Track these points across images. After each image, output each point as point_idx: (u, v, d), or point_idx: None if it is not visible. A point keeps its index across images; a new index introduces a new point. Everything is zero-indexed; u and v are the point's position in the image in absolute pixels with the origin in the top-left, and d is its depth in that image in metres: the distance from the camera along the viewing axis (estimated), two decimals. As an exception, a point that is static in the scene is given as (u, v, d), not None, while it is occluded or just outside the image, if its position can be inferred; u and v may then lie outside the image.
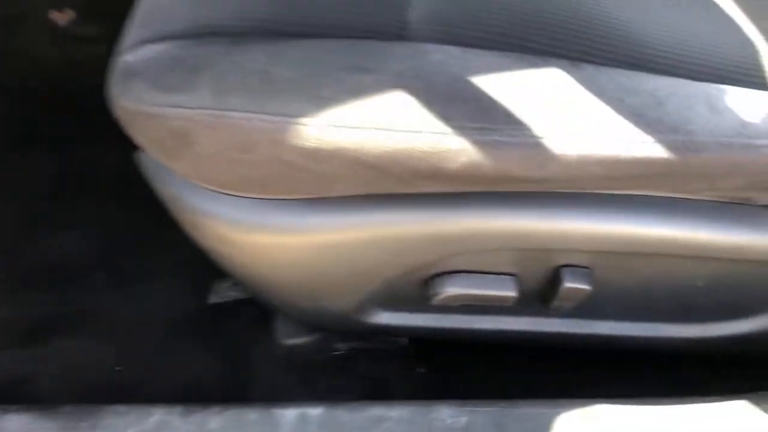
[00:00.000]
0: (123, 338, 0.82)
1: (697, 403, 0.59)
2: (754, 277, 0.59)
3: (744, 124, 0.49)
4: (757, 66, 0.58)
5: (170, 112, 0.46)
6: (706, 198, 0.54)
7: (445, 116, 0.45)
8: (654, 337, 0.67)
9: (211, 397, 0.77)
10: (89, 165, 0.97)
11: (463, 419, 0.58)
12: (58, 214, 0.92)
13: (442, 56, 0.49)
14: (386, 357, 0.78)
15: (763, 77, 0.57)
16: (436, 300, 0.59)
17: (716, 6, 0.61)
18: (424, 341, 0.78)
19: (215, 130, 0.46)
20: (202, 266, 0.69)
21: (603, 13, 0.56)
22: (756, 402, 0.58)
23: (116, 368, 0.79)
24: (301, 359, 0.78)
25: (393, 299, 0.63)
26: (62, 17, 1.13)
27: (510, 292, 0.58)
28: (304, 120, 0.44)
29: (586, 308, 0.63)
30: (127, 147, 0.55)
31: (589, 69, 0.50)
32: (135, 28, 0.54)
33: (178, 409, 0.57)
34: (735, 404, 0.58)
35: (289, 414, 0.57)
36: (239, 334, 0.81)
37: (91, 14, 1.13)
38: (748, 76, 0.57)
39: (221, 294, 0.85)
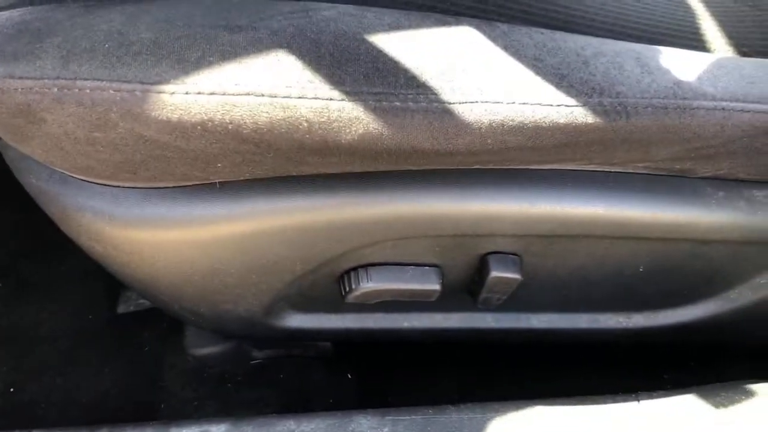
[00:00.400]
0: (21, 354, 0.74)
1: (644, 399, 0.53)
2: (698, 257, 0.53)
3: (678, 84, 0.43)
4: (693, 27, 0.53)
5: (12, 83, 0.39)
6: (641, 171, 0.48)
7: (334, 79, 0.38)
8: (594, 329, 0.61)
9: (118, 415, 0.69)
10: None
11: (385, 430, 0.51)
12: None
13: (333, 13, 0.42)
14: (308, 364, 0.71)
15: (698, 38, 0.52)
16: (352, 297, 0.53)
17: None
18: (352, 345, 0.72)
19: (63, 103, 0.38)
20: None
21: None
22: (705, 396, 0.52)
23: (10, 389, 0.71)
24: (215, 370, 0.71)
25: (306, 299, 0.56)
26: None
27: (433, 285, 0.52)
28: (167, 87, 0.37)
29: (518, 300, 0.57)
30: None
31: (504, 27, 0.44)
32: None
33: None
34: (684, 399, 0.53)
35: (186, 433, 0.50)
36: (149, 345, 0.74)
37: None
38: (683, 38, 0.52)
39: (131, 302, 0.77)
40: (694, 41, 0.52)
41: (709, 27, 0.54)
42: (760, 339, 0.64)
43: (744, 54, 0.54)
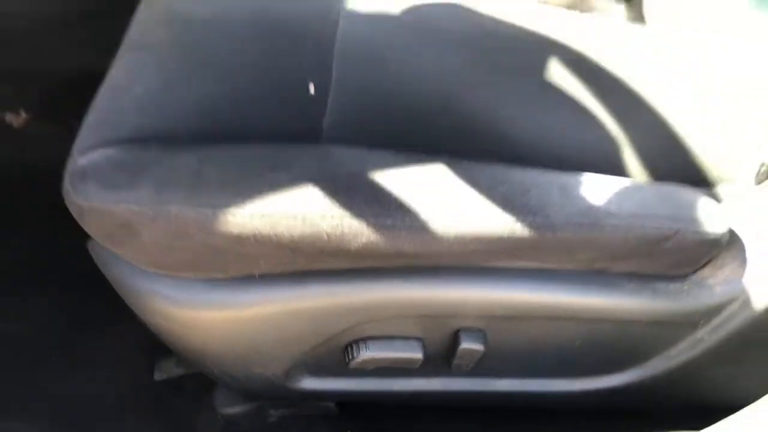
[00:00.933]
0: (70, 416, 0.88)
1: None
2: (620, 334, 0.69)
3: (591, 207, 0.60)
4: (616, 157, 0.71)
5: (118, 207, 0.55)
6: (570, 268, 0.64)
7: (346, 204, 0.55)
8: (547, 392, 0.76)
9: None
10: (40, 254, 1.05)
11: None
12: (11, 300, 0.98)
13: (347, 155, 0.60)
14: (314, 422, 0.85)
15: (620, 165, 0.70)
16: (354, 364, 0.68)
17: (581, 105, 0.74)
18: (355, 405, 0.86)
19: (155, 221, 0.55)
20: (149, 346, 0.77)
21: (483, 117, 0.68)
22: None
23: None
24: (240, 428, 0.85)
25: (317, 366, 0.72)
26: (17, 119, 1.22)
27: (416, 354, 0.68)
28: (230, 210, 0.54)
29: (485, 367, 0.72)
30: (74, 237, 0.64)
31: (466, 163, 0.61)
32: (86, 134, 0.63)
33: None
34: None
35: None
36: (182, 407, 0.88)
37: (43, 116, 1.22)
38: (608, 166, 0.69)
39: (166, 371, 0.92)
40: (617, 168, 0.70)
41: (630, 156, 0.71)
42: (681, 400, 0.79)
43: (657, 178, 0.71)
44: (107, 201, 0.56)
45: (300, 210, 0.55)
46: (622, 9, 0.99)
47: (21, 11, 1.03)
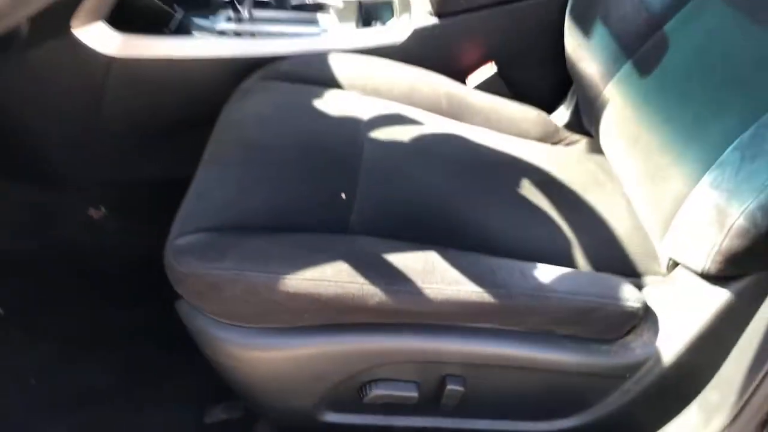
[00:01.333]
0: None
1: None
2: (573, 381, 0.92)
3: (540, 285, 0.85)
4: (566, 249, 0.96)
5: (209, 273, 0.81)
6: (524, 330, 0.88)
7: (366, 274, 0.81)
8: (517, 431, 0.98)
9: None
10: (105, 322, 1.30)
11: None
12: (86, 354, 1.23)
13: (367, 242, 0.86)
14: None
15: (569, 256, 0.95)
16: (366, 399, 0.91)
17: (543, 215, 1.00)
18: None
19: (236, 283, 0.80)
20: (200, 394, 1.00)
21: (468, 220, 0.94)
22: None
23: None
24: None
25: (337, 401, 0.95)
26: (97, 213, 1.49)
27: (413, 393, 0.91)
28: (288, 276, 0.79)
29: (467, 408, 0.95)
30: (134, 308, 0.89)
31: (453, 251, 0.87)
32: (180, 224, 0.89)
33: None
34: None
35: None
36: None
37: (120, 211, 1.50)
38: (559, 256, 0.94)
39: (214, 415, 1.14)
40: (569, 262, 0.95)
41: (578, 253, 0.97)
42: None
43: (597, 268, 0.96)
44: (201, 269, 0.81)
45: (334, 277, 0.80)
46: (584, 143, 1.27)
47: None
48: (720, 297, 0.85)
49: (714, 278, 0.86)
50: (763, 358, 0.78)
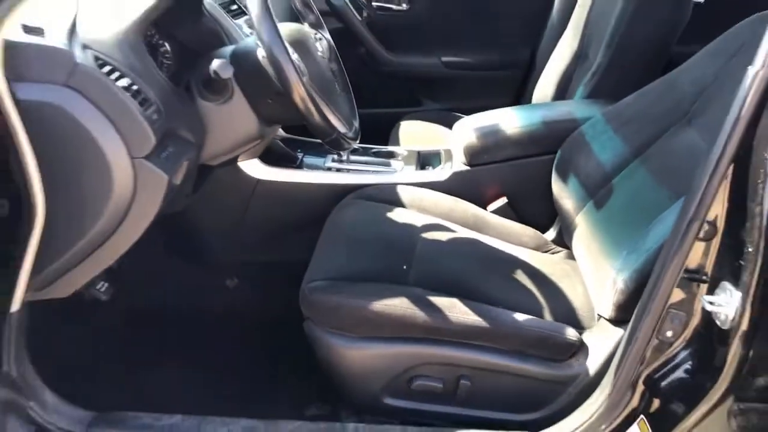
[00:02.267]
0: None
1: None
2: (532, 387, 1.53)
3: (519, 322, 1.49)
4: (538, 308, 1.60)
5: (335, 302, 1.48)
6: (508, 348, 1.51)
7: (419, 307, 1.46)
8: (505, 419, 1.58)
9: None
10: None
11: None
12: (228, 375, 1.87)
13: (420, 290, 1.52)
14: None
15: (536, 305, 1.59)
16: (413, 387, 1.53)
17: (527, 288, 1.65)
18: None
19: (352, 307, 1.47)
20: (302, 396, 1.67)
21: (480, 286, 1.59)
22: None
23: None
24: None
25: (395, 388, 1.56)
26: (232, 283, 2.18)
27: (439, 385, 1.53)
28: (379, 303, 1.45)
29: (473, 399, 1.56)
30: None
31: (468, 301, 1.52)
32: (309, 274, 1.57)
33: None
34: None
35: None
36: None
37: (251, 282, 2.18)
38: (531, 311, 1.59)
39: (311, 410, 1.76)
40: (537, 313, 1.59)
41: (545, 308, 1.60)
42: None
43: (556, 320, 1.59)
44: (330, 300, 1.48)
45: (400, 305, 1.46)
46: (564, 252, 1.93)
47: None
48: (618, 333, 1.47)
49: (615, 322, 1.48)
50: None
